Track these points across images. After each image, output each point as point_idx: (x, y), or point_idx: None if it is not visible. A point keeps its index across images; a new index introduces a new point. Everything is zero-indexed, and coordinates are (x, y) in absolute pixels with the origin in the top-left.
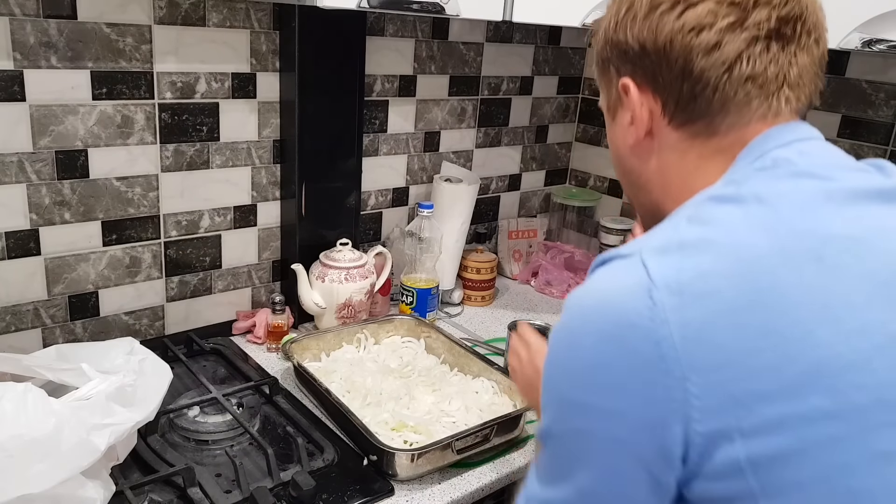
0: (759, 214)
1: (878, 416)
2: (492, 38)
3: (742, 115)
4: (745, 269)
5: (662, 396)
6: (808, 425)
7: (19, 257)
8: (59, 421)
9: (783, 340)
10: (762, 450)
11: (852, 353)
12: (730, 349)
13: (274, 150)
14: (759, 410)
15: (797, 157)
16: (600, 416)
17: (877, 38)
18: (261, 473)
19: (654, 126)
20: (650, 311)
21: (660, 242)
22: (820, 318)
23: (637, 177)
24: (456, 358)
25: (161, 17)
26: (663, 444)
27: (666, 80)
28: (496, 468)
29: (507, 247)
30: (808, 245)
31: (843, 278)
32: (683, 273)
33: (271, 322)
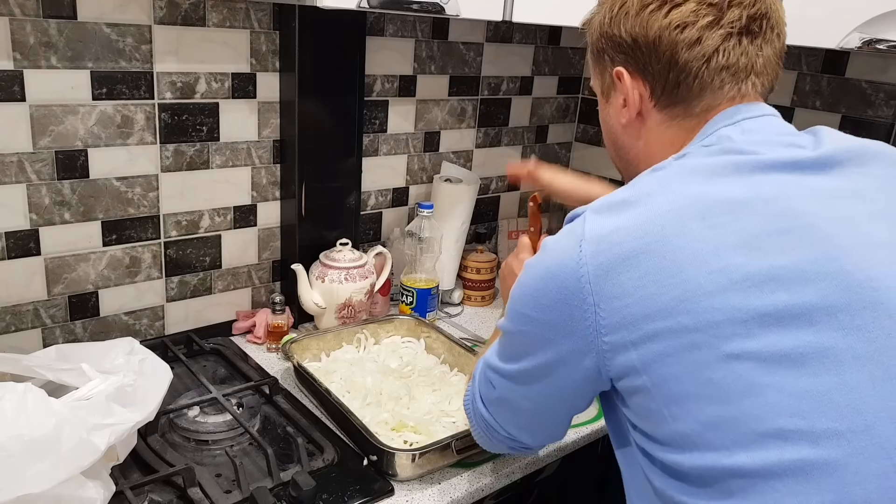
0: (672, 182)
1: (728, 329)
2: (492, 38)
3: (715, 97)
4: (644, 224)
5: (580, 316)
6: (676, 336)
7: (19, 257)
8: (59, 421)
9: (661, 277)
10: (646, 354)
11: (711, 286)
12: (624, 285)
13: (274, 150)
14: (644, 327)
15: (738, 134)
16: (542, 325)
17: (877, 38)
18: (261, 473)
19: (643, 108)
20: (577, 256)
21: (601, 203)
22: (691, 260)
23: (627, 152)
24: (456, 358)
25: (161, 17)
26: (578, 347)
27: (655, 70)
28: (496, 468)
29: (507, 247)
30: (696, 207)
31: (718, 233)
32: (604, 228)
33: (271, 322)
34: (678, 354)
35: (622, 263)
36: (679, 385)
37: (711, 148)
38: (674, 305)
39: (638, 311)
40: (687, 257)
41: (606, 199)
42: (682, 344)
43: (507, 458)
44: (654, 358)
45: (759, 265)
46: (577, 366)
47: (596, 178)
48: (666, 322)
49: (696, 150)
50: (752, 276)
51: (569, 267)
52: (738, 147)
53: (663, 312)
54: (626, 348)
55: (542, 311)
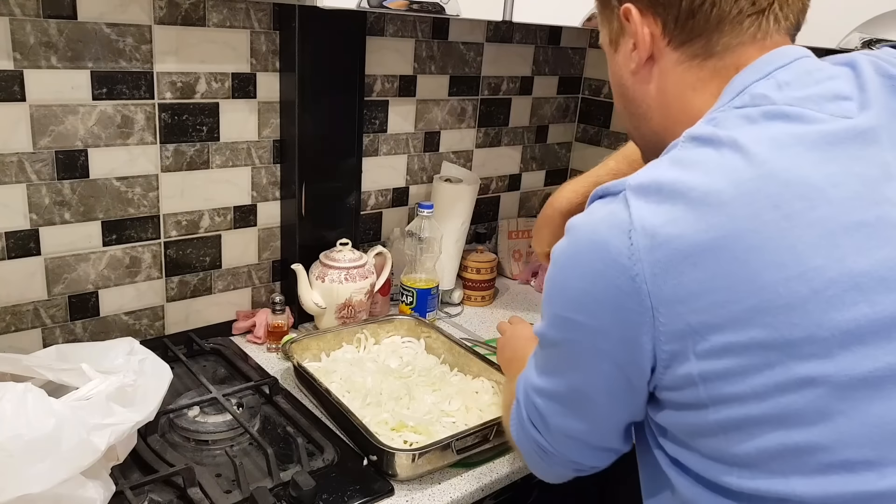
0: (731, 161)
1: (805, 349)
2: (492, 38)
3: (735, 34)
4: (708, 216)
5: (636, 321)
6: (748, 352)
7: (19, 257)
8: (59, 421)
9: (733, 281)
10: (710, 369)
11: (791, 296)
12: (688, 287)
13: (274, 150)
14: (710, 338)
15: (774, 90)
16: (587, 331)
17: (877, 38)
18: (261, 473)
19: (655, 49)
20: (628, 251)
21: (643, 181)
22: (767, 262)
23: (638, 105)
24: (456, 358)
25: (161, 17)
26: (636, 356)
27: (664, 0)
28: (496, 468)
29: (507, 247)
30: (767, 192)
31: (794, 225)
32: (657, 217)
33: (271, 322)
34: (747, 373)
35: (684, 261)
36: (742, 407)
37: (747, 110)
38: (748, 317)
39: (705, 320)
40: (762, 258)
41: (651, 176)
42: (752, 363)
43: (507, 458)
44: (718, 374)
45: (839, 269)
46: (635, 376)
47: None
48: (737, 335)
49: (728, 111)
50: (835, 283)
51: (619, 263)
52: (782, 110)
53: (735, 324)
54: (686, 359)
55: (591, 316)
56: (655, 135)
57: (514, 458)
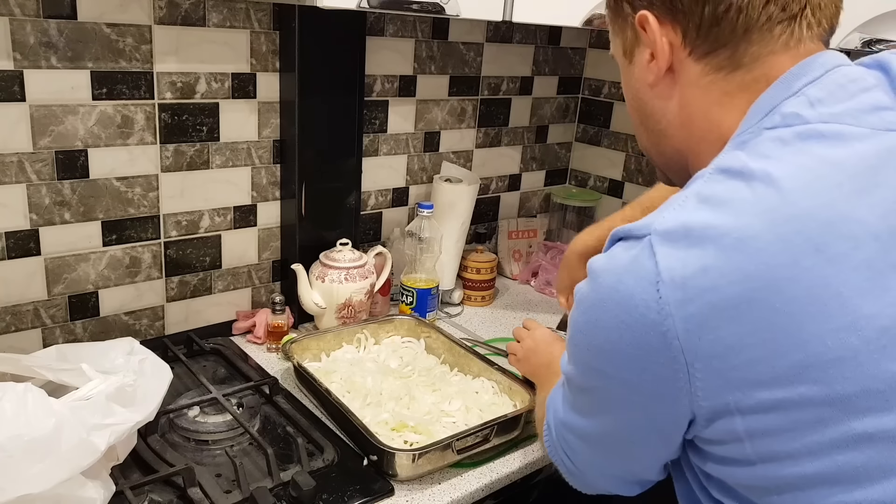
0: (764, 197)
1: (861, 403)
2: (492, 38)
3: (765, 43)
4: (744, 265)
5: (671, 377)
6: (798, 409)
7: (19, 257)
8: (59, 421)
9: (775, 335)
10: (758, 425)
11: (840, 349)
12: (726, 342)
13: (274, 150)
14: (754, 395)
15: (807, 108)
16: (619, 384)
17: (877, 38)
18: (261, 473)
19: (675, 60)
20: (657, 304)
21: (669, 225)
22: (812, 313)
23: (657, 121)
24: (456, 358)
25: (161, 17)
26: (671, 411)
27: (685, 5)
28: (496, 468)
29: (507, 247)
30: (807, 234)
31: (838, 270)
32: (687, 267)
33: (271, 322)
34: (798, 430)
35: (720, 315)
36: (795, 465)
37: (779, 132)
38: (795, 373)
39: (747, 376)
40: (805, 309)
41: (679, 220)
42: (804, 419)
43: (507, 458)
44: (766, 431)
45: (891, 315)
46: (670, 428)
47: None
48: (785, 392)
49: (757, 133)
50: (887, 331)
51: (648, 318)
52: (817, 129)
53: (781, 380)
54: (730, 414)
55: (620, 369)
56: (678, 153)
57: (515, 458)
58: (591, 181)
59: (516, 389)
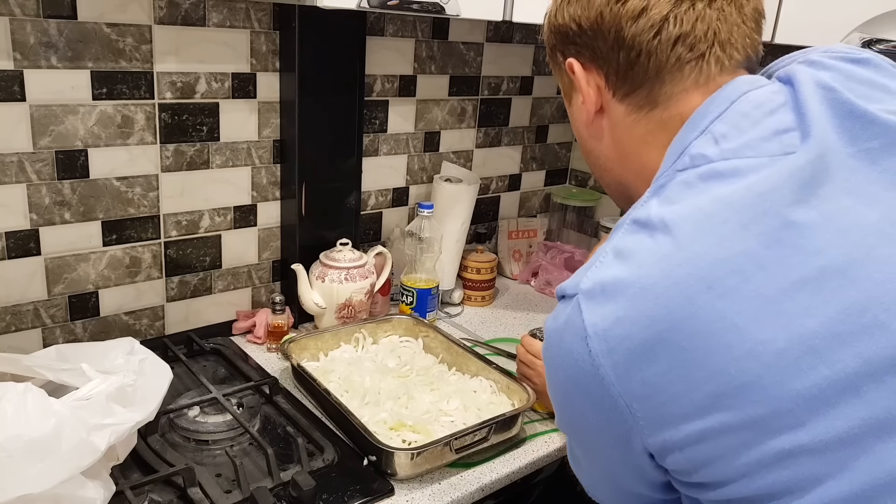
0: (662, 245)
1: (774, 423)
2: (492, 38)
3: (676, 82)
4: (648, 311)
5: (619, 420)
6: (721, 436)
7: (19, 257)
8: (59, 421)
9: (687, 370)
10: (694, 456)
11: (743, 375)
12: (650, 382)
13: (274, 150)
14: (683, 428)
15: (711, 146)
16: (585, 432)
17: (877, 38)
18: (261, 473)
19: (603, 101)
20: (589, 357)
21: (591, 284)
22: (712, 346)
23: (597, 157)
24: (454, 357)
25: (161, 17)
26: (633, 451)
27: (604, 52)
28: (496, 468)
29: (507, 247)
30: (698, 274)
31: (730, 303)
32: (606, 320)
33: (271, 322)
34: (728, 456)
35: (639, 358)
36: (738, 487)
37: (686, 174)
38: (710, 403)
39: (674, 411)
40: (707, 343)
41: (596, 278)
42: (729, 445)
43: (507, 458)
44: (703, 461)
45: (787, 337)
46: (642, 466)
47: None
48: (706, 422)
49: (671, 176)
50: (785, 353)
51: (586, 371)
52: (715, 168)
53: (700, 411)
54: (671, 450)
55: (581, 418)
56: (619, 184)
57: (515, 458)
58: (591, 181)
59: (514, 388)
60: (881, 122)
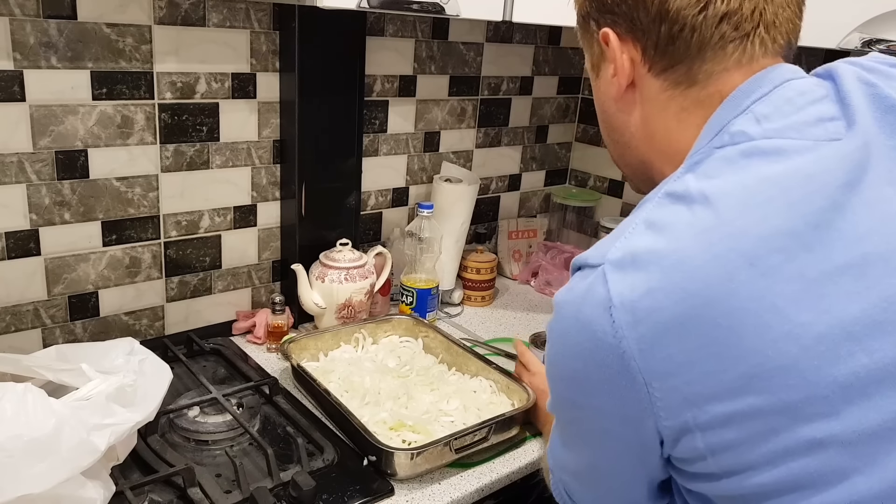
0: (702, 219)
1: (807, 410)
2: (492, 38)
3: (718, 61)
4: (684, 284)
5: (633, 398)
6: (750, 420)
7: (19, 257)
8: (59, 421)
9: (719, 349)
10: (716, 440)
11: (780, 358)
12: (677, 359)
13: (274, 151)
14: (708, 409)
15: (753, 125)
16: (589, 411)
17: (877, 38)
18: (261, 473)
19: (636, 75)
20: (612, 328)
21: (619, 254)
22: (750, 325)
23: (622, 133)
24: (454, 357)
25: (161, 17)
26: (641, 434)
27: (644, 24)
28: (496, 468)
29: (507, 247)
30: (740, 250)
31: (772, 282)
32: (635, 291)
33: (271, 322)
34: (753, 441)
35: (668, 333)
36: (756, 475)
37: (726, 150)
38: (741, 385)
39: (699, 391)
40: (744, 322)
41: (627, 248)
42: (756, 430)
43: (507, 458)
44: (724, 445)
45: (828, 322)
46: (646, 452)
47: None
48: (735, 404)
49: (708, 153)
50: (825, 337)
51: (606, 343)
52: (758, 146)
53: (730, 393)
54: (690, 432)
55: (589, 396)
56: (642, 164)
57: (514, 458)
58: (591, 181)
59: (514, 388)
60: None
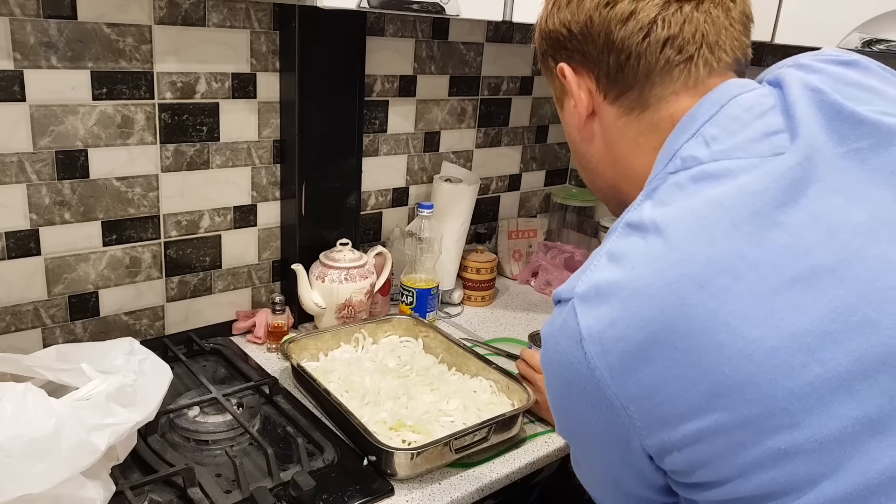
0: (654, 247)
1: (768, 423)
2: (492, 38)
3: (665, 84)
4: (642, 312)
5: (615, 422)
6: (717, 436)
7: (19, 257)
8: (59, 421)
9: (682, 371)
10: (692, 457)
11: (737, 374)
12: (646, 383)
13: (274, 150)
14: (680, 428)
15: (702, 148)
16: (584, 436)
17: (877, 38)
18: (261, 473)
19: (595, 104)
20: (585, 360)
21: (585, 287)
22: (705, 346)
23: (588, 161)
24: (454, 357)
25: (161, 17)
26: (631, 453)
27: (594, 56)
28: (496, 468)
29: (507, 247)
30: (690, 274)
31: (722, 302)
32: (600, 322)
33: (271, 322)
34: (725, 456)
35: (634, 360)
36: (734, 487)
37: (678, 176)
38: (705, 402)
39: (669, 411)
40: (700, 343)
41: (591, 281)
42: (725, 444)
43: (507, 458)
44: (701, 461)
45: (779, 336)
46: (642, 468)
47: None
48: (702, 421)
49: (663, 179)
50: (777, 351)
51: (581, 373)
52: (706, 170)
53: (696, 411)
54: (669, 451)
55: (579, 422)
56: (611, 188)
57: (515, 458)
58: None
59: (514, 389)
60: (869, 123)
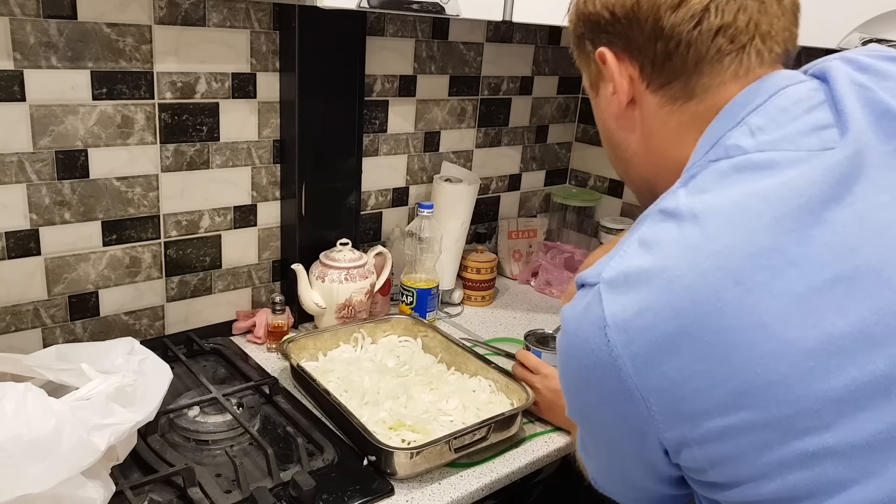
0: (689, 236)
1: (798, 424)
2: (492, 38)
3: (714, 74)
4: (673, 303)
5: (633, 412)
6: (743, 435)
7: (19, 257)
8: (59, 421)
9: (709, 365)
10: (713, 453)
11: (769, 374)
12: (670, 376)
13: (274, 150)
14: (704, 424)
15: (747, 138)
16: (598, 424)
17: (877, 38)
18: (261, 473)
19: (636, 93)
20: (607, 347)
21: (613, 274)
22: (739, 342)
23: (624, 150)
24: (453, 357)
25: (161, 17)
26: (647, 445)
27: (639, 43)
28: (496, 468)
29: (507, 247)
30: (727, 268)
31: (758, 299)
32: (627, 310)
33: (271, 322)
34: (748, 455)
35: (660, 351)
36: (755, 488)
37: (721, 164)
38: (732, 400)
39: (694, 407)
40: (732, 340)
41: (620, 267)
42: (751, 443)
43: (507, 458)
44: (721, 459)
45: (816, 337)
46: (655, 461)
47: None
48: (728, 419)
49: (703, 166)
50: (814, 352)
51: (603, 361)
52: (751, 160)
53: (722, 408)
54: (688, 446)
55: (595, 410)
56: (645, 181)
57: (515, 457)
58: (591, 181)
59: (513, 388)
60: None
